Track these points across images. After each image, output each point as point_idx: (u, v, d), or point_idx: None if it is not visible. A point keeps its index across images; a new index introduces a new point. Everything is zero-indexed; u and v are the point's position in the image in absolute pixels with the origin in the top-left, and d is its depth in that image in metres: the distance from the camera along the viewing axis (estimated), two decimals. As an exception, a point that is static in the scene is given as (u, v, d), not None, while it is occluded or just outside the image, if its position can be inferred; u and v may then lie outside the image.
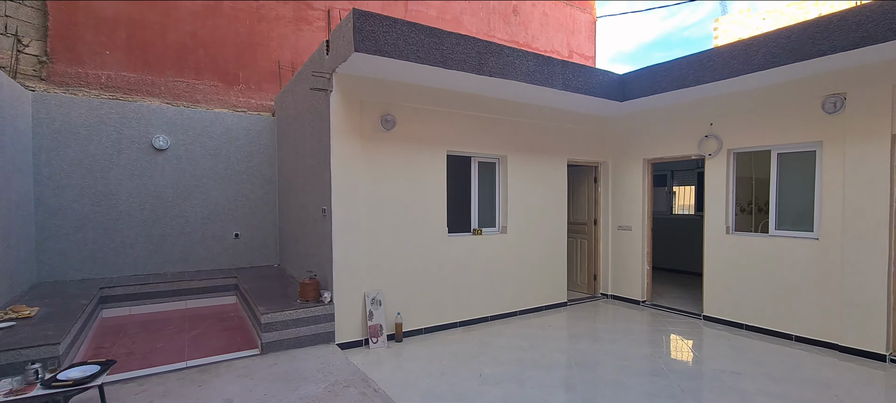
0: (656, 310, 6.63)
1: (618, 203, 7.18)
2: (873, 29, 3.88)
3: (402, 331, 5.23)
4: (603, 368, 4.47)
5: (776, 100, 5.20)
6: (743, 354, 4.82)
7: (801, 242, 5.10)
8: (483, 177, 6.15)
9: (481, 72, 4.73)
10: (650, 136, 6.63)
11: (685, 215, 10.13)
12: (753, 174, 6.26)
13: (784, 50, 4.45)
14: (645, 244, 6.86)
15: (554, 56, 9.26)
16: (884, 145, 4.44)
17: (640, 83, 5.84)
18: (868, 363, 4.52)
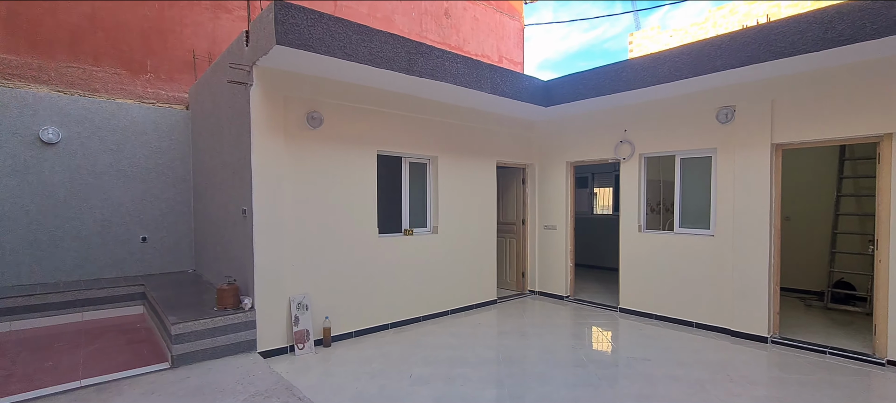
0: (579, 305, 7.03)
1: (544, 203, 7.51)
2: (756, 50, 4.41)
3: (330, 336, 5.07)
4: (529, 362, 4.65)
5: (679, 110, 5.73)
6: (653, 342, 5.24)
7: (700, 239, 5.66)
8: (414, 177, 6.14)
9: (411, 72, 4.72)
10: (572, 140, 7.01)
11: (605, 215, 10.85)
12: (661, 177, 6.85)
13: (685, 65, 4.91)
14: (568, 242, 7.24)
15: (485, 60, 9.49)
16: (765, 153, 5.05)
17: (562, 90, 6.16)
18: (754, 344, 5.12)
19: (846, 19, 3.89)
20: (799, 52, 4.13)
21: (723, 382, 4.12)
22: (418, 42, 4.75)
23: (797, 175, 7.44)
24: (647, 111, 6.04)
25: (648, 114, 6.04)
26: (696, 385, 4.04)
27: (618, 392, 3.93)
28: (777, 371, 4.43)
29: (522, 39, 10.51)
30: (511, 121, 7.09)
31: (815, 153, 7.26)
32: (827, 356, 4.74)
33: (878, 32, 3.71)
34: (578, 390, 3.96)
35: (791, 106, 4.86)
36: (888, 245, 4.43)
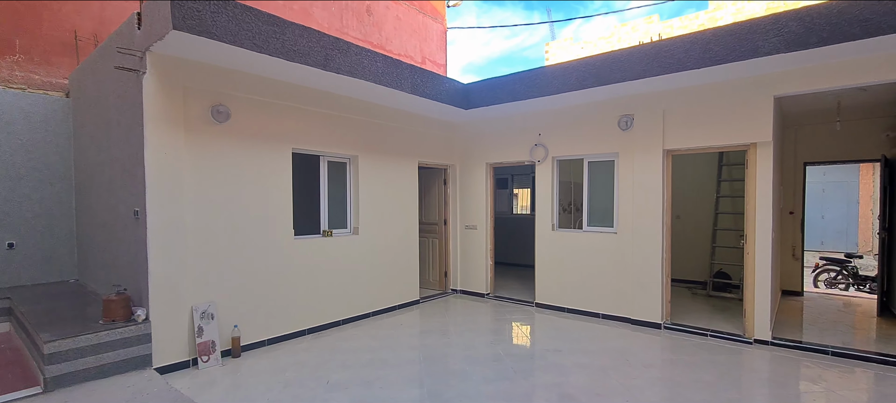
0: (498, 301, 7.27)
1: (465, 203, 7.67)
2: (649, 65, 4.87)
3: (240, 346, 4.74)
4: (450, 360, 4.71)
5: (587, 116, 6.16)
6: (564, 334, 5.57)
7: (605, 236, 6.13)
8: (333, 176, 5.95)
9: (328, 68, 4.57)
10: (491, 143, 7.24)
11: (524, 215, 11.35)
12: (572, 179, 7.32)
13: (590, 75, 5.30)
14: (488, 241, 7.46)
15: (408, 60, 9.48)
16: (658, 158, 5.60)
17: (481, 93, 6.34)
18: (650, 331, 5.64)
19: (720, 42, 4.44)
20: (684, 68, 4.63)
21: (623, 367, 4.48)
22: (336, 38, 4.61)
23: (686, 178, 8.35)
24: (559, 116, 6.41)
25: (560, 120, 6.41)
26: (600, 371, 4.36)
27: (532, 383, 4.12)
28: (668, 353, 4.92)
29: (445, 42, 10.67)
30: (433, 122, 7.16)
31: (701, 158, 8.21)
32: (708, 338, 5.35)
33: (744, 55, 4.28)
34: (495, 384, 4.09)
35: (679, 116, 5.44)
36: (754, 239, 5.12)
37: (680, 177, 8.39)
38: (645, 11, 13.12)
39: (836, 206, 14.44)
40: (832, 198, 14.49)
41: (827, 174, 14.29)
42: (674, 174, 8.45)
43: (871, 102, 5.84)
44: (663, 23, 12.24)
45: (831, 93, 5.06)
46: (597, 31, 21.78)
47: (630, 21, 12.97)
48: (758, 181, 5.04)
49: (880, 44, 3.90)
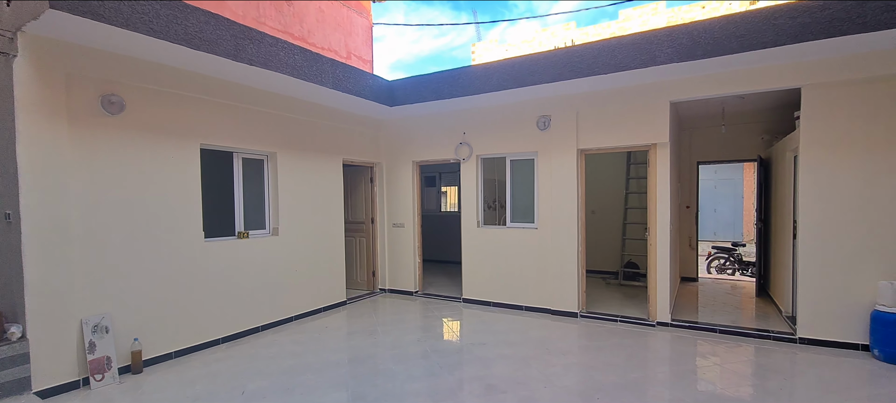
0: (427, 299, 7.30)
1: (392, 202, 7.62)
2: (563, 69, 5.16)
3: (141, 360, 4.32)
4: (376, 360, 4.65)
5: (509, 116, 6.38)
6: (489, 327, 5.73)
7: (527, 232, 6.40)
8: (249, 174, 5.62)
9: (239, 58, 4.30)
10: (418, 141, 7.26)
11: (452, 212, 11.51)
12: (496, 176, 7.55)
13: (510, 76, 5.50)
14: (416, 239, 7.47)
15: (332, 55, 9.20)
16: (573, 156, 5.95)
17: (406, 91, 6.33)
18: (568, 320, 5.99)
19: (624, 50, 4.81)
20: (593, 73, 4.97)
21: (543, 355, 4.71)
22: (247, 26, 4.34)
23: (601, 176, 8.97)
24: (483, 115, 6.58)
25: (484, 119, 6.59)
26: (522, 361, 4.54)
27: (457, 377, 4.19)
28: (583, 340, 5.25)
29: (371, 37, 10.50)
30: (358, 119, 7.02)
31: (613, 157, 8.85)
32: (618, 323, 5.79)
33: (644, 63, 4.68)
34: (421, 381, 4.10)
35: (591, 117, 5.82)
36: (656, 231, 5.62)
37: (594, 175, 8.99)
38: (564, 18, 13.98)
39: (726, 201, 16.31)
40: (722, 194, 16.34)
41: (718, 172, 16.08)
42: (589, 172, 9.03)
43: (749, 109, 6.66)
44: (580, 30, 13.03)
45: (717, 99, 5.69)
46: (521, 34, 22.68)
47: (550, 27, 13.66)
48: (658, 178, 5.54)
49: (753, 57, 4.45)
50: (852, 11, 3.81)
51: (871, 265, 4.50)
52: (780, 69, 4.71)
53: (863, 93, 4.45)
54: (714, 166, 15.05)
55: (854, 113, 4.50)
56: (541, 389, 3.91)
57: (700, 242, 14.77)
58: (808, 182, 4.73)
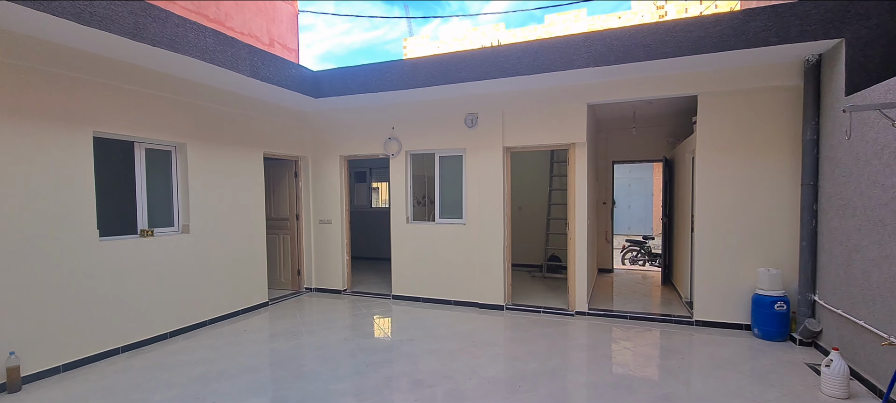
0: (356, 297, 7.15)
1: (319, 197, 7.35)
2: (489, 68, 5.27)
3: (19, 377, 3.79)
4: (298, 362, 4.46)
5: (438, 113, 6.41)
6: (418, 323, 5.73)
7: (456, 227, 6.48)
8: (154, 167, 5.13)
9: (140, 38, 3.89)
10: (345, 134, 7.07)
11: (383, 208, 11.38)
12: (426, 173, 7.57)
13: (438, 73, 5.52)
14: (344, 236, 7.28)
15: (253, 41, 8.67)
16: (499, 154, 6.12)
17: (332, 83, 6.13)
18: (495, 312, 6.16)
19: (546, 53, 5.02)
20: (517, 73, 5.13)
21: (469, 348, 4.80)
22: (149, 3, 3.94)
23: (527, 173, 9.32)
24: (412, 111, 6.55)
25: (413, 114, 6.56)
26: (449, 355, 4.60)
27: (384, 374, 4.14)
28: (508, 332, 5.43)
29: (297, 25, 10.04)
30: (280, 110, 6.67)
31: (538, 155, 9.23)
32: (541, 314, 6.06)
33: (564, 66, 4.92)
34: (346, 381, 4.00)
35: (516, 116, 6.02)
36: (574, 226, 5.95)
37: (521, 173, 9.32)
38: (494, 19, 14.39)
39: (639, 198, 17.73)
40: (636, 191, 17.74)
41: (632, 171, 17.42)
42: (515, 169, 9.35)
43: (657, 113, 7.26)
44: (509, 31, 13.44)
45: (628, 103, 6.14)
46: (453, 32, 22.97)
47: (481, 26, 13.95)
48: (576, 176, 5.87)
49: (658, 66, 4.85)
50: (738, 29, 4.28)
51: (752, 254, 5.11)
52: (681, 78, 5.19)
53: (746, 103, 5.03)
54: (628, 165, 16.28)
55: (739, 119, 5.07)
56: (466, 381, 3.98)
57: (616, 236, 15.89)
58: (703, 181, 5.26)
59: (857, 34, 3.97)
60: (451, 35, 14.92)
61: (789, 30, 4.14)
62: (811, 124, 4.54)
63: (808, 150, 4.56)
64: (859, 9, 3.96)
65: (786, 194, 4.93)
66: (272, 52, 6.06)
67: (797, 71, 4.74)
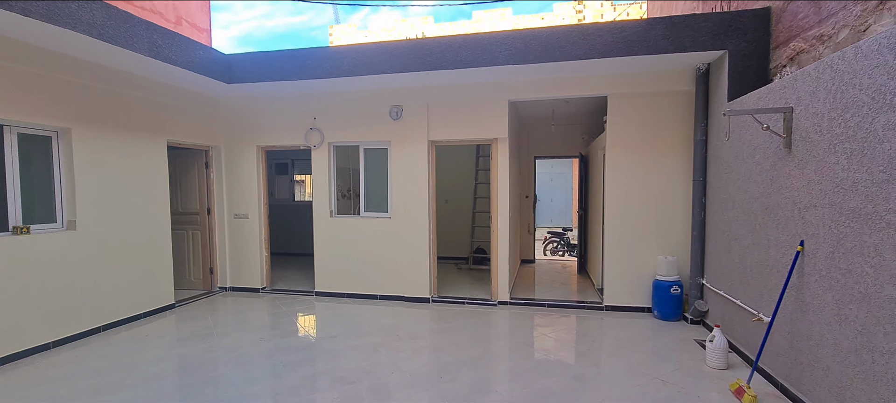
0: (276, 295, 6.81)
1: (234, 190, 6.88)
2: (412, 60, 5.25)
3: None
4: (209, 367, 4.16)
5: (362, 104, 6.27)
6: (341, 319, 5.60)
7: (381, 221, 6.40)
8: (31, 154, 4.49)
9: (8, 6, 3.35)
10: (263, 124, 6.67)
11: (307, 201, 10.93)
12: (351, 165, 7.38)
13: (361, 63, 5.39)
14: (262, 231, 6.89)
15: (156, 18, 7.87)
16: (424, 147, 6.13)
17: (247, 68, 5.74)
18: (421, 305, 6.18)
19: (468, 48, 5.10)
20: (441, 67, 5.16)
21: (393, 341, 4.78)
22: (18, -34, 3.41)
23: (454, 166, 9.44)
24: (335, 101, 6.34)
25: (336, 105, 6.35)
26: (372, 350, 4.54)
27: (302, 374, 3.99)
28: (433, 323, 5.48)
29: (209, 4, 9.27)
30: (188, 95, 6.13)
31: (465, 149, 9.38)
32: (465, 305, 6.19)
33: (485, 62, 5.03)
34: (262, 383, 3.80)
35: (441, 110, 6.06)
36: (497, 219, 6.14)
37: (448, 166, 9.43)
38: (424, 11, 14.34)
39: (560, 192, 18.73)
40: (557, 185, 18.72)
41: (553, 166, 18.35)
42: (443, 163, 9.45)
43: (574, 112, 7.69)
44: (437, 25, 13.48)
45: (547, 101, 6.43)
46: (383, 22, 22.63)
47: (410, 18, 13.84)
48: (499, 170, 6.05)
49: (573, 66, 5.13)
50: (641, 36, 4.64)
51: (653, 243, 5.60)
52: (594, 79, 5.54)
53: (649, 105, 5.49)
54: (549, 161, 17.11)
55: (643, 120, 5.52)
56: (389, 375, 3.96)
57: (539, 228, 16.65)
58: (612, 176, 5.67)
59: (738, 47, 4.49)
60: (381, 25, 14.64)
61: (683, 40, 4.57)
62: (701, 126, 5.06)
63: (698, 150, 5.09)
64: (739, 24, 4.47)
65: (681, 189, 5.46)
66: (178, 31, 5.53)
67: (690, 77, 5.26)
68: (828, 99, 2.94)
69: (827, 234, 2.93)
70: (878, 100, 2.50)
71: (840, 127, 2.81)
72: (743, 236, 4.17)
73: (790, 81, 3.43)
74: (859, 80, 2.65)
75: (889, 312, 2.39)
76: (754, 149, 3.94)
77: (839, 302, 2.80)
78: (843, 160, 2.77)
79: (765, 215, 3.75)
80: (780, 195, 3.52)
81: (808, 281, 3.14)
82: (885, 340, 2.42)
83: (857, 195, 2.64)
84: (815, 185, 3.06)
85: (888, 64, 2.43)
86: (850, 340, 2.69)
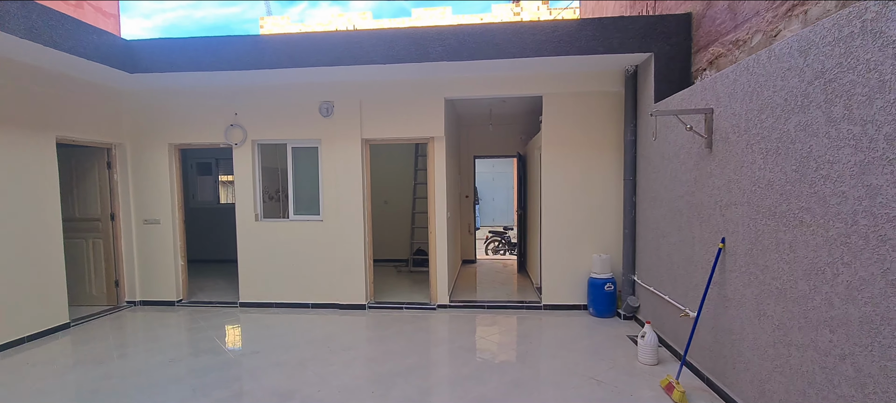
0: (193, 308, 6.19)
1: (143, 193, 6.16)
2: (342, 54, 4.93)
3: None
4: (101, 397, 3.61)
5: (290, 99, 5.84)
6: (267, 332, 5.15)
7: (312, 224, 6.01)
8: None
9: None
10: (177, 119, 6.03)
11: (232, 204, 10.16)
12: (279, 165, 6.90)
13: (285, 54, 4.99)
14: (177, 237, 6.24)
15: (56, 3, 6.92)
16: (358, 146, 5.82)
17: (152, 56, 5.13)
18: (356, 312, 5.86)
19: (401, 43, 4.87)
20: (372, 61, 4.89)
21: (324, 355, 4.44)
22: None
23: (393, 166, 9.16)
24: (259, 96, 5.86)
25: (261, 100, 5.87)
26: (299, 366, 4.19)
27: (213, 400, 3.56)
28: (369, 331, 5.19)
29: (114, -14, 8.32)
30: (82, 85, 5.39)
31: (404, 148, 9.13)
32: (403, 310, 5.95)
33: (419, 58, 4.83)
34: (161, 413, 3.35)
35: (375, 107, 5.77)
36: (434, 220, 5.96)
37: (387, 166, 9.14)
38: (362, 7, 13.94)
39: (501, 191, 18.98)
40: (499, 185, 18.95)
41: (495, 166, 18.55)
42: (381, 162, 9.15)
43: (511, 112, 7.69)
44: (376, 21, 13.10)
45: (484, 100, 6.35)
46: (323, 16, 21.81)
47: (348, 13, 13.34)
48: (436, 170, 5.87)
49: (508, 65, 5.06)
50: (573, 36, 4.65)
51: (588, 241, 5.68)
52: (529, 78, 5.51)
53: (581, 104, 5.55)
54: (492, 160, 17.27)
55: (577, 120, 5.57)
56: (315, 393, 3.64)
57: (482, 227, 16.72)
58: (548, 175, 5.68)
59: (663, 50, 4.61)
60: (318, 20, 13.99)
61: (612, 41, 4.63)
62: (631, 126, 5.18)
63: (629, 149, 5.21)
64: (664, 28, 4.60)
65: (613, 188, 5.57)
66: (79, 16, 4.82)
67: (620, 79, 5.37)
68: (745, 100, 3.02)
69: (746, 232, 3.02)
70: (790, 102, 2.57)
71: (756, 127, 2.89)
72: (670, 233, 4.28)
73: (710, 83, 3.52)
74: (773, 82, 2.73)
75: (803, 307, 2.46)
76: (679, 148, 4.04)
77: (758, 298, 2.88)
78: (760, 159, 2.85)
79: (690, 213, 3.85)
80: (703, 193, 3.61)
81: (729, 277, 3.23)
82: (799, 334, 2.49)
83: (773, 193, 2.72)
84: (735, 184, 3.14)
85: (799, 67, 2.50)
86: (769, 334, 2.77)
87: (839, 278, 2.21)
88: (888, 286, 1.94)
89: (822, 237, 2.32)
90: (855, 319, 2.12)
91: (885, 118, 1.96)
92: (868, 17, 2.04)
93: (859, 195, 2.09)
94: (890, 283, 1.93)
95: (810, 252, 2.41)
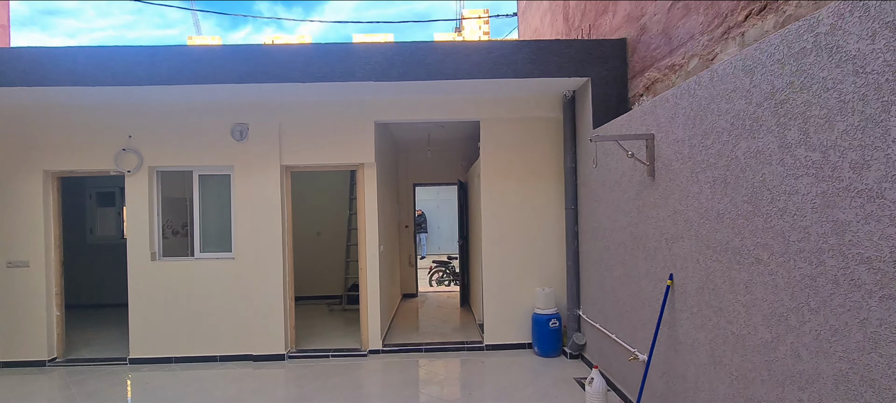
0: (70, 368, 5.12)
1: (5, 229, 5.09)
2: (254, 69, 4.34)
3: None
4: None
5: (196, 121, 5.11)
6: (158, 397, 4.28)
7: (222, 263, 5.22)
8: None
9: None
10: (54, 142, 5.08)
11: (144, 239, 8.97)
12: (186, 195, 6.06)
13: (187, 68, 4.29)
14: (52, 282, 5.19)
15: None
16: (277, 173, 5.17)
17: (18, 67, 4.25)
18: (274, 365, 5.09)
19: (321, 59, 4.36)
20: (289, 79, 4.33)
21: (224, 424, 3.68)
22: None
23: (326, 196, 8.49)
24: (158, 117, 5.08)
25: (161, 121, 5.09)
26: (189, 441, 3.40)
27: None
28: (284, 390, 4.47)
29: None
30: (-74, 100, 4.39)
31: (337, 177, 8.50)
32: (330, 359, 5.25)
33: (343, 77, 4.34)
34: None
35: (296, 131, 5.18)
36: (366, 254, 5.37)
37: (320, 195, 8.45)
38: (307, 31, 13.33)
39: (447, 219, 18.62)
40: (444, 212, 18.60)
41: (440, 193, 18.21)
42: (313, 191, 8.44)
43: (451, 137, 7.35)
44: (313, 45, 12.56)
45: (421, 125, 5.95)
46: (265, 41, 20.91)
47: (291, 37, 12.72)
48: (366, 199, 5.33)
49: (440, 87, 4.70)
50: (509, 58, 4.38)
51: (531, 274, 5.33)
52: (465, 102, 5.18)
53: (520, 131, 5.29)
54: (436, 187, 16.93)
55: (515, 146, 5.29)
56: (200, 483, 2.89)
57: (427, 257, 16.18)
58: (487, 204, 5.32)
59: (600, 74, 4.45)
60: (251, 40, 13.18)
61: (549, 65, 4.41)
62: (570, 153, 4.96)
63: (569, 177, 4.96)
64: (600, 52, 4.45)
65: (555, 217, 5.29)
66: None
67: (558, 104, 5.18)
68: (687, 125, 2.80)
69: (695, 268, 2.74)
70: (737, 126, 2.34)
71: (701, 154, 2.65)
72: (615, 267, 3.99)
73: (650, 107, 3.31)
74: (717, 105, 2.50)
75: (765, 358, 2.16)
76: (621, 176, 3.80)
77: (712, 344, 2.58)
78: (707, 189, 2.60)
79: (634, 246, 3.58)
80: (647, 225, 3.35)
81: (679, 317, 2.94)
82: (763, 389, 2.18)
83: (724, 227, 2.45)
84: (681, 216, 2.88)
85: (745, 87, 2.28)
86: (727, 386, 2.46)
87: (806, 326, 1.92)
88: (866, 340, 1.65)
89: (783, 278, 2.04)
90: (828, 376, 1.82)
91: (850, 143, 1.71)
92: (821, 30, 1.82)
93: (824, 232, 1.82)
94: (869, 337, 1.64)
95: (770, 294, 2.12)
